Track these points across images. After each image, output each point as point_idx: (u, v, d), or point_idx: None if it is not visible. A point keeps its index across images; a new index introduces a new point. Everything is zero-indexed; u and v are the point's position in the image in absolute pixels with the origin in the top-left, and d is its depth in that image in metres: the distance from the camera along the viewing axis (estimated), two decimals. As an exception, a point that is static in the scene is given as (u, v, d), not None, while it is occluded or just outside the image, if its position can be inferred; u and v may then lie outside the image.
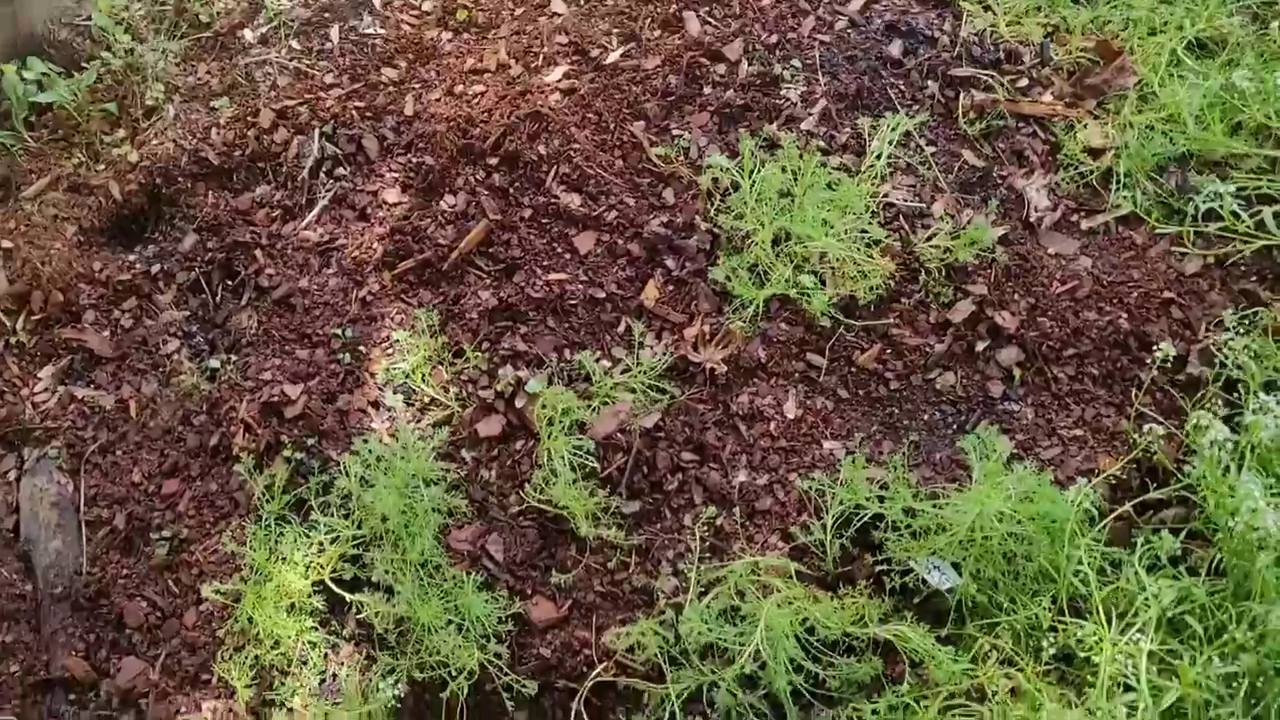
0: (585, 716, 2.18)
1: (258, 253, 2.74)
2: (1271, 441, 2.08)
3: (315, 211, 2.80)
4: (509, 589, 2.30)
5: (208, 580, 2.38)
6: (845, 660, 2.12)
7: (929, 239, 2.61)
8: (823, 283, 2.56)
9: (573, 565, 2.32)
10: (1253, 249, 2.51)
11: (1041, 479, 2.19)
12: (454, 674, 2.18)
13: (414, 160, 2.80)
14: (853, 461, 2.31)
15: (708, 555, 2.30)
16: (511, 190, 2.72)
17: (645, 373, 2.47)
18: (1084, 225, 2.66)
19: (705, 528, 2.32)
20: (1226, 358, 2.35)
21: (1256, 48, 2.77)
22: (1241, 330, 2.38)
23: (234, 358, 2.64)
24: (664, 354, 2.50)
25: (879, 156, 2.69)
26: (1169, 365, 2.37)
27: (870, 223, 2.59)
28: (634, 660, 2.19)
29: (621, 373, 2.49)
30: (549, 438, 2.39)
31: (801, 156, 2.64)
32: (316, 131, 2.88)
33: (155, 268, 2.80)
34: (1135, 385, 2.43)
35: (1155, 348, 2.31)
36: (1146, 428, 2.24)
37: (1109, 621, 1.96)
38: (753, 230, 2.59)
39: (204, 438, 2.54)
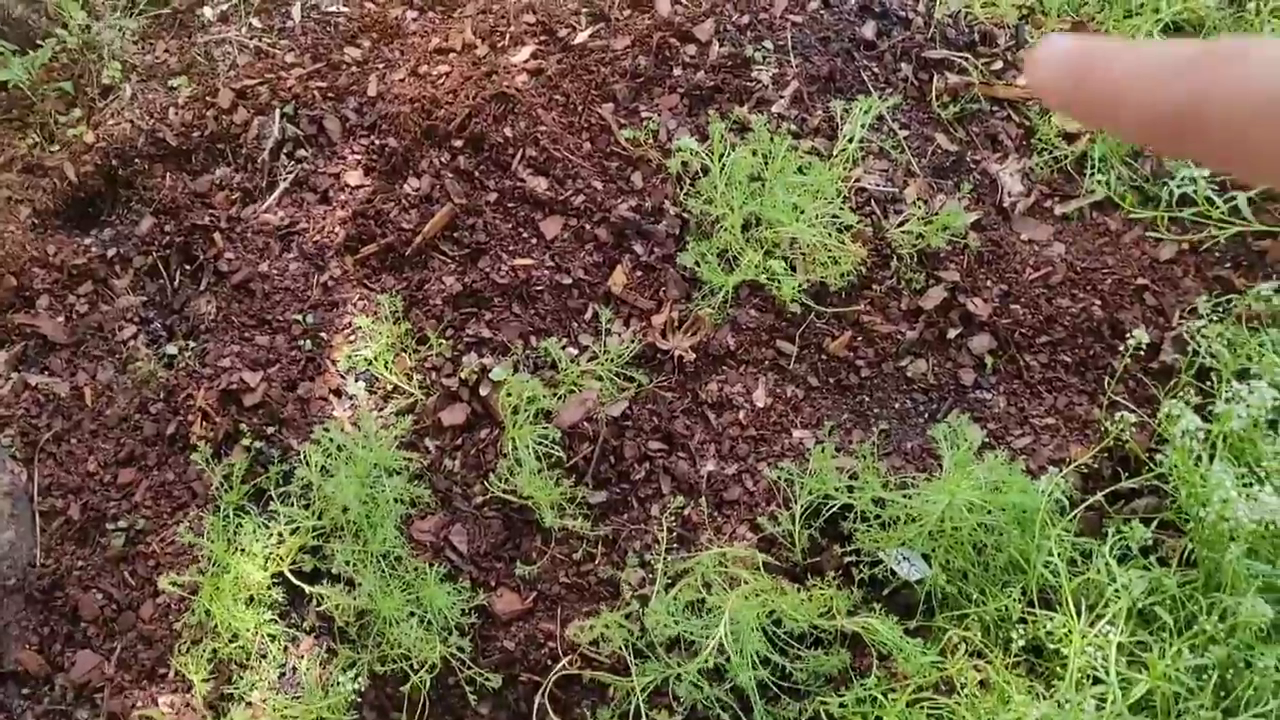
0: (549, 710, 2.15)
1: (217, 236, 2.67)
2: (1243, 431, 2.06)
3: (276, 194, 2.73)
4: (472, 581, 2.26)
5: (165, 572, 2.32)
6: (812, 653, 2.10)
7: (901, 224, 2.57)
8: (793, 269, 2.52)
9: (538, 556, 2.28)
10: (1227, 235, 2.48)
11: (1013, 468, 2.16)
12: (416, 667, 2.14)
13: (377, 142, 2.74)
14: (822, 451, 2.27)
15: (675, 546, 2.27)
16: (477, 173, 2.66)
17: (612, 360, 2.43)
18: (1058, 211, 2.63)
19: (673, 518, 2.29)
20: (1200, 345, 2.32)
21: (1233, 30, 2.74)
22: (1215, 317, 2.36)
23: (192, 344, 2.58)
24: (632, 341, 2.46)
25: (851, 140, 2.65)
26: (1142, 353, 2.35)
27: (842, 208, 2.54)
28: (599, 653, 2.15)
29: (588, 360, 2.45)
30: (514, 426, 2.34)
31: (772, 140, 2.59)
32: (277, 112, 2.81)
33: (111, 251, 2.73)
34: (1108, 373, 2.41)
35: (1128, 335, 2.28)
36: (1118, 416, 2.22)
37: (1079, 613, 1.94)
38: (722, 215, 2.54)
39: (161, 426, 2.48)
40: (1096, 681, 1.88)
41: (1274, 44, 0.43)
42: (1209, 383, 2.29)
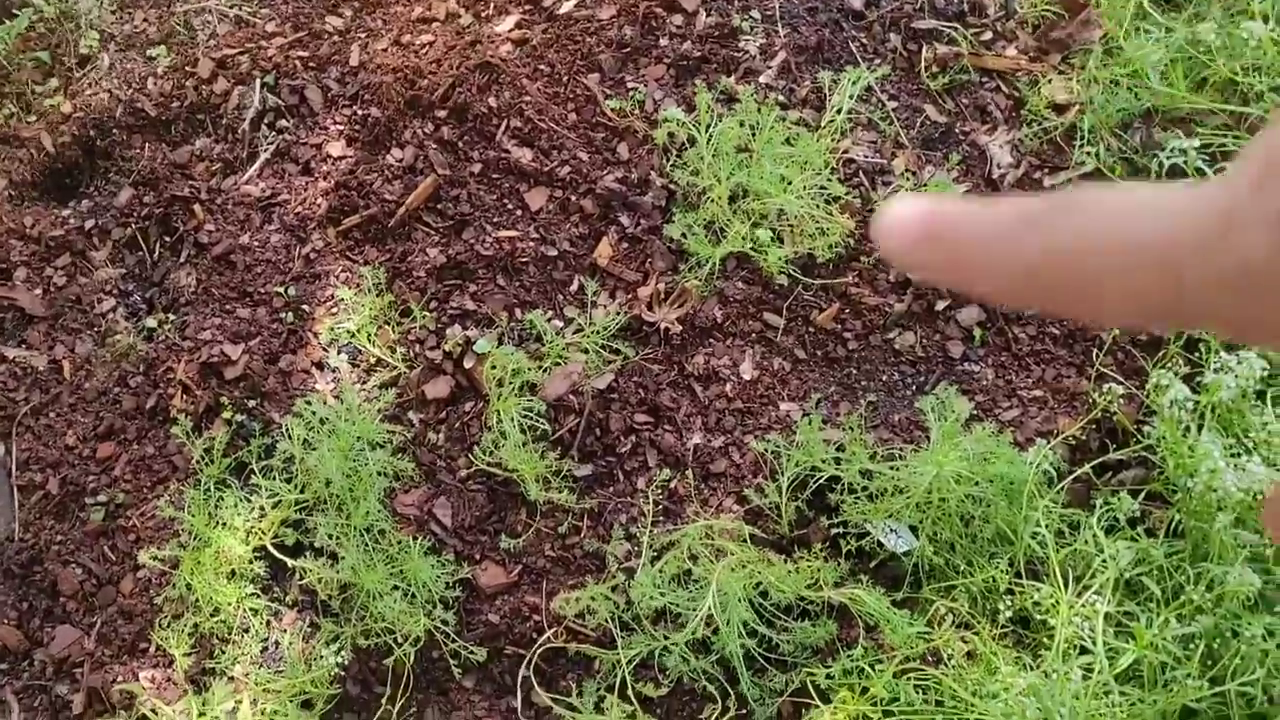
0: (535, 683, 2.13)
1: (197, 208, 2.63)
2: (1232, 402, 2.05)
3: (256, 165, 2.69)
4: (457, 554, 2.24)
5: (145, 546, 2.30)
6: (799, 624, 2.09)
7: (889, 195, 2.55)
8: (781, 240, 2.49)
9: (523, 530, 2.27)
10: (1216, 206, 2.46)
11: (1000, 440, 2.15)
12: (400, 641, 2.13)
13: (359, 112, 2.70)
14: (809, 423, 2.26)
15: (661, 519, 2.25)
16: (461, 144, 2.63)
17: (598, 333, 2.40)
18: (1047, 183, 2.61)
19: (659, 491, 2.27)
20: (1188, 317, 2.31)
21: (1223, 0, 2.71)
22: (1203, 289, 2.34)
23: (172, 317, 2.54)
24: (618, 313, 2.43)
25: (839, 111, 2.62)
26: (1130, 324, 2.34)
27: (830, 179, 2.52)
28: (584, 626, 2.14)
29: (574, 333, 2.42)
30: (499, 399, 2.32)
31: (760, 110, 2.56)
32: (258, 82, 2.77)
33: (90, 223, 2.69)
34: (1096, 345, 2.40)
35: (1116, 306, 2.27)
36: (1106, 388, 2.20)
37: (1066, 584, 1.93)
38: (709, 186, 2.52)
39: (140, 399, 2.45)
40: (1083, 651, 1.88)
41: (1111, 191, 0.42)
42: (1197, 354, 2.28)
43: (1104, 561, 1.94)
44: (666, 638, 2.06)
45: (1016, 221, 0.44)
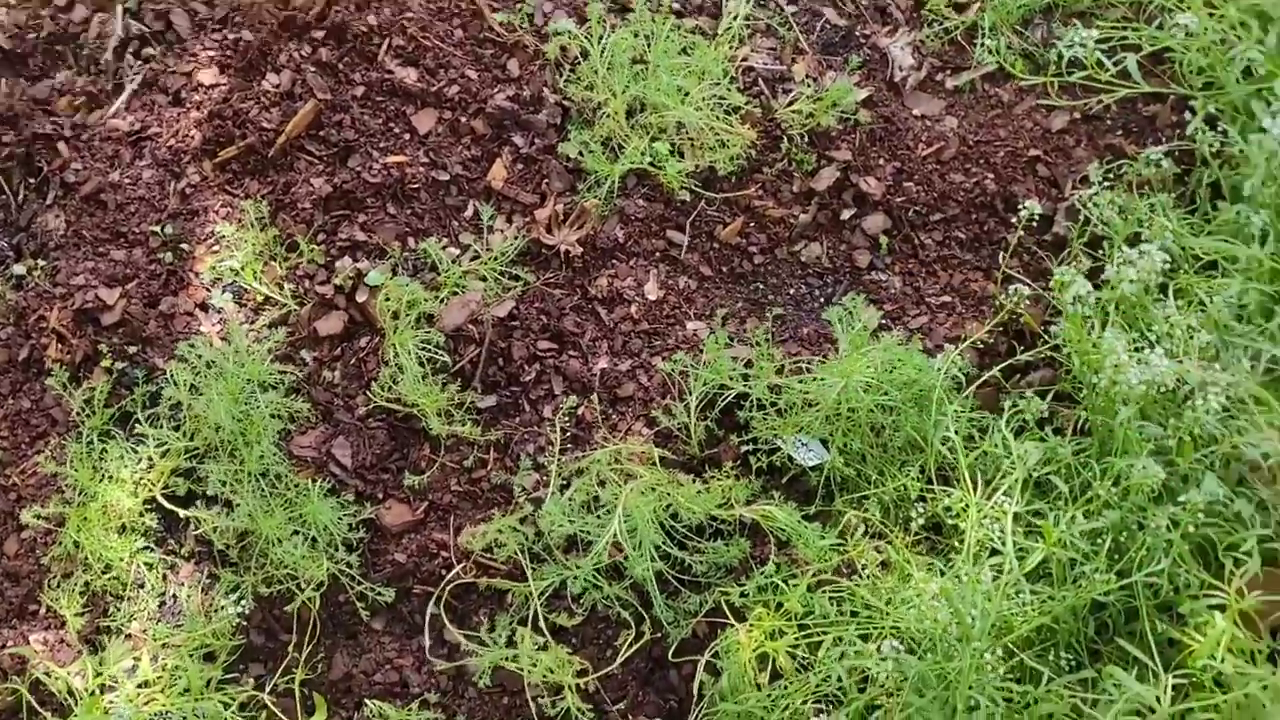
0: (445, 620, 2.08)
1: (61, 145, 2.47)
2: (1135, 296, 2.04)
3: (123, 98, 2.53)
4: (359, 494, 2.17)
5: (27, 505, 2.18)
6: (711, 544, 2.05)
7: (790, 104, 2.48)
8: (681, 154, 2.41)
9: (426, 466, 2.19)
10: (1117, 99, 2.44)
11: (909, 348, 2.12)
12: (303, 586, 2.05)
13: (231, 37, 2.54)
14: (716, 341, 2.20)
15: (569, 446, 2.19)
16: (341, 66, 2.49)
17: (496, 259, 2.32)
18: (949, 84, 2.56)
19: (566, 418, 2.21)
20: (1092, 214, 2.29)
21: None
22: (1106, 184, 2.32)
23: (41, 262, 2.39)
24: (515, 238, 2.34)
25: (736, 18, 2.53)
26: (1035, 225, 2.31)
27: (729, 89, 2.44)
28: (494, 560, 2.08)
29: (470, 260, 2.33)
30: (395, 333, 2.23)
31: (654, 20, 2.47)
32: (119, 8, 2.59)
33: (-54, 167, 2.51)
34: (1002, 248, 2.37)
35: (1021, 207, 2.24)
36: (1012, 290, 2.18)
37: (976, 487, 1.91)
38: (605, 101, 2.42)
39: (12, 351, 2.31)
40: (994, 553, 1.87)
41: None
42: (1101, 251, 2.26)
43: (1012, 463, 1.92)
44: (578, 566, 2.02)
45: None
